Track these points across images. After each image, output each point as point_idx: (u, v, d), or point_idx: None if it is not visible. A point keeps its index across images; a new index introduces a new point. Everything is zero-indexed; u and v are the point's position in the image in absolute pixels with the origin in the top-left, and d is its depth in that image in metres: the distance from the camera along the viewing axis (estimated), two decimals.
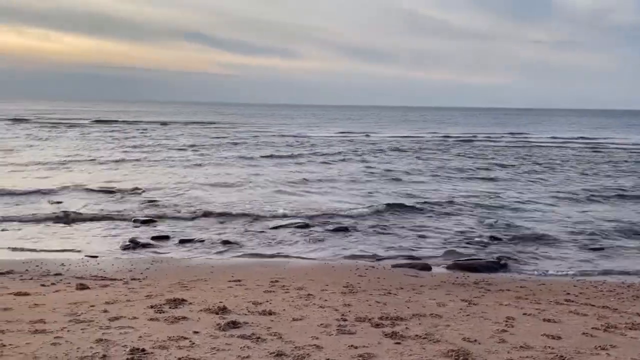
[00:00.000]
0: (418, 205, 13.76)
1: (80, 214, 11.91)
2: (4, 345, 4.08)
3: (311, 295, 6.24)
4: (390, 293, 6.55)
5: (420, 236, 10.81)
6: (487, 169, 22.57)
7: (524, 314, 5.63)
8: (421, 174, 20.66)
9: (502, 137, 46.93)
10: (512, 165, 24.28)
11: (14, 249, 9.17)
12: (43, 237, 10.06)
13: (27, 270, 7.66)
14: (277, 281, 7.12)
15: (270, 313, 5.28)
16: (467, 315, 5.51)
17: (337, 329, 4.79)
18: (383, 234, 10.97)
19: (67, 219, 11.51)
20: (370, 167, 22.21)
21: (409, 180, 18.72)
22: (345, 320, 5.13)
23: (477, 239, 10.59)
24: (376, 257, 9.22)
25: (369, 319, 5.16)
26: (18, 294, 5.96)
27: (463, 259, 9.10)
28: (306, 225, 11.47)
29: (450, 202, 14.33)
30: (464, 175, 20.38)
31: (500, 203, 14.57)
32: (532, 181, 19.14)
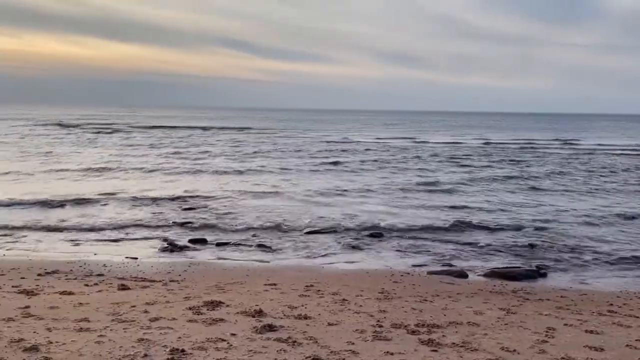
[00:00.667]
0: (458, 214, 13.58)
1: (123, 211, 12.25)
2: (51, 342, 4.24)
3: (346, 300, 6.25)
4: (426, 300, 6.50)
5: (456, 243, 10.67)
6: (536, 177, 21.63)
7: (565, 324, 5.50)
8: (469, 182, 19.79)
9: (551, 144, 43.93)
10: (564, 173, 23.24)
11: (60, 250, 9.51)
12: (85, 240, 10.39)
13: (71, 270, 7.93)
14: (311, 286, 7.16)
15: (305, 317, 5.32)
16: (506, 324, 5.42)
17: (373, 335, 4.79)
18: (418, 238, 10.88)
19: (111, 221, 11.85)
20: (420, 176, 21.32)
21: (457, 190, 18.00)
22: (380, 326, 5.12)
23: (516, 247, 10.38)
24: (412, 264, 9.15)
25: (405, 326, 5.13)
26: (63, 293, 6.18)
27: (501, 266, 8.93)
28: (340, 231, 11.48)
29: (490, 210, 14.10)
30: (513, 184, 19.74)
31: (544, 211, 14.22)
32: (586, 192, 18.21)
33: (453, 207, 14.53)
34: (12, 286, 6.51)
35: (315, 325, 5.07)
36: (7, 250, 9.40)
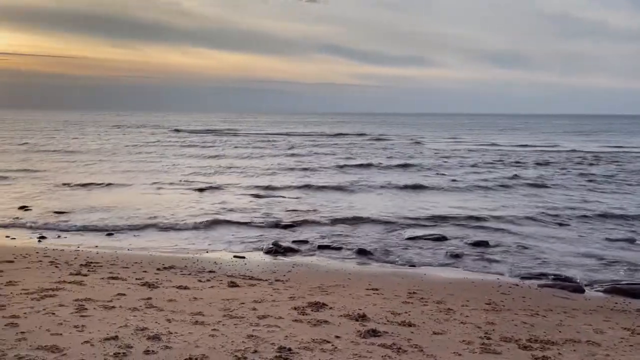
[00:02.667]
0: (565, 221, 12.69)
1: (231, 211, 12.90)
2: (171, 333, 4.56)
3: (451, 309, 6.07)
4: (538, 314, 6.13)
5: (568, 254, 9.96)
6: None
7: None
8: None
9: None
10: None
11: (176, 248, 10.23)
12: (197, 238, 11.07)
13: (185, 266, 8.49)
14: (414, 293, 7.05)
15: (409, 324, 5.24)
16: (631, 345, 4.96)
17: (481, 347, 4.60)
18: (526, 248, 10.30)
19: (219, 222, 12.52)
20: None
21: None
22: (489, 338, 4.91)
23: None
24: (521, 275, 8.68)
25: (516, 340, 4.88)
26: (180, 287, 6.63)
27: (624, 282, 8.19)
28: (443, 238, 11.19)
29: (606, 216, 13.01)
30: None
31: None
32: None
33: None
34: (136, 279, 7.09)
35: (419, 333, 4.98)
36: (129, 244, 10.27)
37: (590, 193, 17.74)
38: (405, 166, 25.75)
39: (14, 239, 10.54)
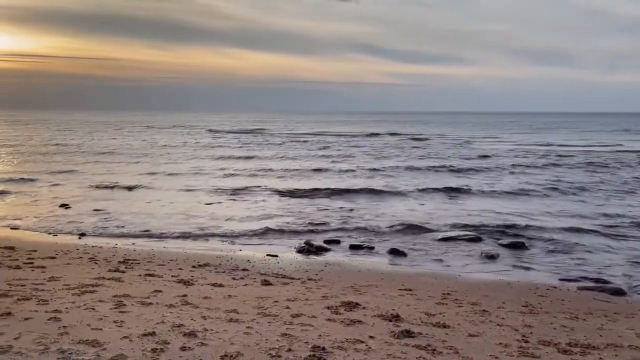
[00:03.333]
0: (612, 225, 12.30)
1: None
2: (206, 330, 4.62)
3: (486, 311, 5.97)
4: (577, 318, 5.96)
5: (609, 257, 9.65)
6: None
7: None
8: None
9: None
10: None
11: (210, 246, 10.38)
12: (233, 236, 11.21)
13: (220, 264, 8.60)
14: (448, 294, 6.96)
15: (444, 326, 5.17)
16: None
17: (519, 351, 4.51)
18: (563, 252, 10.02)
19: (253, 219, 12.65)
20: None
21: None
22: (526, 341, 4.80)
23: None
24: (559, 277, 8.46)
25: (555, 344, 4.76)
26: (214, 284, 6.72)
27: None
28: (478, 239, 11.01)
29: None
30: None
31: None
32: None
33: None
34: (172, 276, 7.23)
35: (454, 335, 4.91)
36: (165, 242, 10.46)
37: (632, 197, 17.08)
38: (443, 168, 24.95)
39: (56, 235, 10.88)
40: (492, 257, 9.63)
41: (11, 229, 11.51)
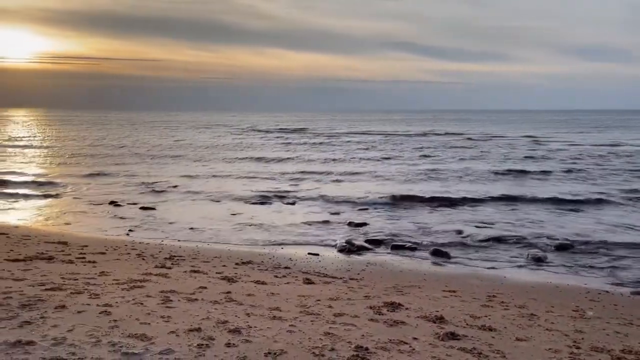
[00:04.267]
0: None
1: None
2: (250, 327, 4.67)
3: (535, 315, 5.79)
4: (631, 324, 5.71)
5: None
6: None
7: None
8: None
9: None
10: None
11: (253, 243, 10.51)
12: (274, 233, 11.31)
13: (262, 261, 8.69)
14: (494, 296, 6.79)
15: (490, 329, 5.05)
16: None
17: (570, 357, 4.35)
18: (615, 255, 9.62)
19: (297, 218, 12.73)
20: None
21: None
22: (578, 347, 4.63)
23: None
24: (610, 281, 8.13)
25: (608, 351, 4.57)
26: (257, 282, 6.79)
27: None
28: (524, 239, 10.72)
29: None
30: None
31: None
32: None
33: None
34: (216, 272, 7.35)
35: (501, 338, 4.78)
36: (209, 239, 10.66)
37: None
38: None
39: (105, 231, 11.27)
40: (539, 259, 9.35)
41: (64, 224, 11.99)
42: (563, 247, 10.09)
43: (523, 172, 22.12)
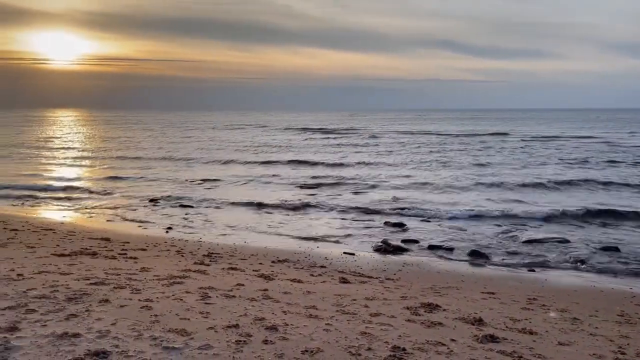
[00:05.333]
0: None
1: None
2: (287, 325, 4.71)
3: (577, 319, 5.63)
4: None
5: None
6: None
7: None
8: None
9: None
10: None
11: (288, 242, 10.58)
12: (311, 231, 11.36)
13: (298, 260, 8.74)
14: (535, 299, 6.63)
15: (531, 332, 4.94)
16: None
17: None
18: None
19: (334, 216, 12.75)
20: None
21: None
22: (623, 353, 4.48)
23: None
24: None
25: None
26: (294, 280, 6.83)
27: None
28: (566, 241, 10.41)
29: None
30: None
31: None
32: None
33: None
34: (253, 270, 7.44)
35: (542, 342, 4.67)
36: (246, 237, 10.79)
37: None
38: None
39: (146, 228, 11.55)
40: (582, 262, 9.07)
41: (107, 221, 12.36)
42: (608, 250, 9.76)
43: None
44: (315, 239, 10.72)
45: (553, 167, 23.85)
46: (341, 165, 25.52)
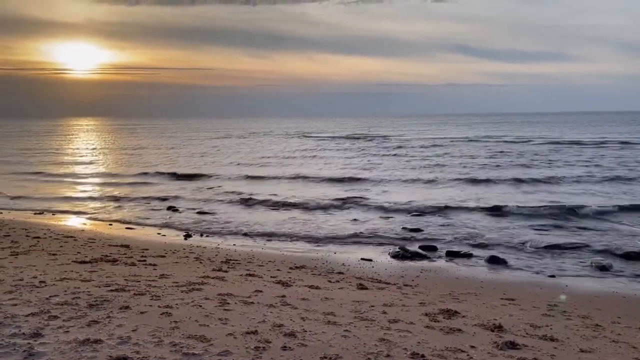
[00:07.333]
0: None
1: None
2: (305, 331, 4.71)
3: (599, 326, 5.54)
4: None
5: None
6: None
7: None
8: None
9: None
10: None
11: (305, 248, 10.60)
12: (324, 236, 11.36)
13: (315, 266, 8.75)
14: (555, 305, 6.55)
15: (551, 339, 4.87)
16: None
17: None
18: None
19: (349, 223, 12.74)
20: None
21: None
22: None
23: None
24: None
25: None
26: (311, 287, 6.84)
27: None
28: (586, 247, 10.26)
29: None
30: None
31: None
32: None
33: None
34: (271, 276, 7.46)
35: (564, 349, 4.60)
36: (264, 244, 10.84)
37: None
38: None
39: (164, 235, 11.67)
40: (604, 268, 8.93)
41: (126, 228, 12.52)
42: (630, 257, 9.59)
43: None
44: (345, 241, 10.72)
45: None
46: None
